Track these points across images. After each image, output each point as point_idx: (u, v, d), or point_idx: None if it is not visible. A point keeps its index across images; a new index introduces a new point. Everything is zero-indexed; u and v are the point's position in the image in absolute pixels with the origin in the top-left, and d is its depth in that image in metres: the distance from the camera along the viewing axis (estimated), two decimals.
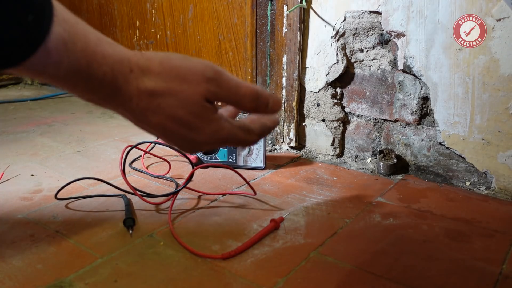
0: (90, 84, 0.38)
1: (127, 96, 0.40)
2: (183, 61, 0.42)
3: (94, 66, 0.37)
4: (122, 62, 0.39)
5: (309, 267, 0.58)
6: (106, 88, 0.39)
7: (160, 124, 0.43)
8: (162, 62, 0.41)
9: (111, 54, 0.39)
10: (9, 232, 0.65)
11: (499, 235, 0.66)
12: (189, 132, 0.44)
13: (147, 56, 0.41)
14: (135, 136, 1.15)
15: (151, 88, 0.41)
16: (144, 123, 0.43)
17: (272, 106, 0.46)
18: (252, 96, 0.44)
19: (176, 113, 0.42)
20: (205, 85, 0.42)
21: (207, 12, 1.19)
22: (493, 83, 0.77)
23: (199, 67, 0.42)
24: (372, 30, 0.89)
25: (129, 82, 0.40)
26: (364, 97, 0.94)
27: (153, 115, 0.42)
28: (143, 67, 0.41)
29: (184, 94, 0.41)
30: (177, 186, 0.82)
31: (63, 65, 0.36)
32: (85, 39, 0.37)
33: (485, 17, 0.75)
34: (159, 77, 0.41)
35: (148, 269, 0.57)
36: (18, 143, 1.08)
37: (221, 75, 0.42)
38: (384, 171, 0.90)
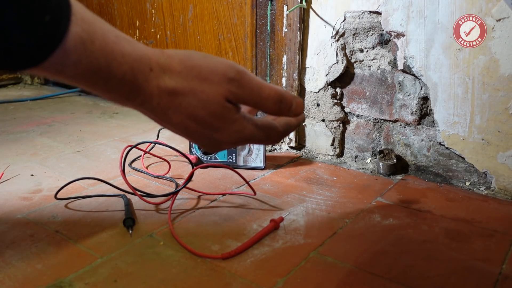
0: (109, 84, 0.38)
1: (148, 95, 0.40)
2: (205, 60, 0.41)
3: (113, 65, 0.37)
4: (142, 61, 0.39)
5: (309, 267, 0.58)
6: (126, 87, 0.39)
7: (182, 124, 0.42)
8: (183, 61, 0.41)
9: (130, 53, 0.38)
10: (9, 232, 0.65)
11: (499, 235, 0.66)
12: (211, 132, 0.43)
13: (167, 54, 0.41)
14: (135, 136, 1.15)
15: (172, 87, 0.40)
16: (165, 122, 0.43)
17: (295, 109, 0.45)
18: (275, 98, 0.43)
19: (197, 113, 0.41)
20: (226, 85, 0.41)
21: (207, 12, 1.19)
22: (493, 83, 0.77)
23: (221, 67, 0.41)
24: (372, 30, 0.89)
25: (149, 81, 0.39)
26: (364, 97, 0.94)
27: (174, 115, 0.41)
28: (164, 65, 0.40)
29: (205, 95, 0.40)
30: (177, 186, 0.82)
31: (81, 65, 0.35)
32: (104, 38, 0.36)
33: (485, 17, 0.75)
34: (180, 76, 0.40)
35: (148, 269, 0.57)
36: (18, 143, 1.08)
37: (243, 76, 0.42)
38: (384, 171, 0.90)
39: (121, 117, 1.36)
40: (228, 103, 0.41)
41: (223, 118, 0.42)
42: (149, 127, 1.24)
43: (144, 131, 1.20)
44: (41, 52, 0.33)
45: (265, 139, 0.46)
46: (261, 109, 0.45)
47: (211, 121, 0.42)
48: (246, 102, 0.43)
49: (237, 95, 0.41)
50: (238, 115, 0.43)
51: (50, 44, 0.33)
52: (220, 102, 0.41)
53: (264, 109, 0.44)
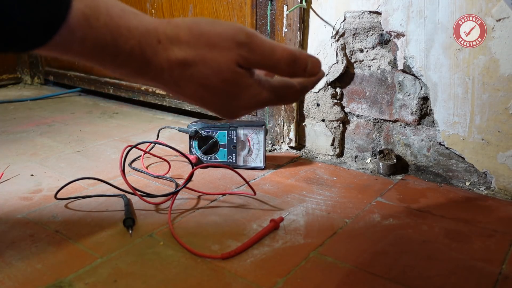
0: (118, 59, 0.37)
1: (158, 69, 0.39)
2: (213, 26, 0.40)
3: (120, 40, 0.36)
4: (149, 34, 0.38)
5: (309, 267, 0.58)
6: (135, 62, 0.38)
7: (196, 94, 0.41)
8: (191, 29, 0.40)
9: (136, 26, 0.37)
10: (9, 232, 0.65)
11: (499, 235, 0.66)
12: (227, 99, 0.42)
13: (174, 23, 0.40)
14: (135, 136, 1.15)
15: (181, 58, 0.39)
16: (179, 94, 0.42)
17: (311, 69, 0.43)
18: (289, 59, 0.41)
19: (210, 81, 0.40)
20: (236, 50, 0.40)
21: (207, 12, 1.19)
22: (493, 83, 0.77)
23: (230, 32, 0.40)
24: (372, 30, 0.89)
25: (158, 54, 0.38)
26: (364, 97, 0.94)
27: (187, 85, 0.40)
28: (171, 36, 0.39)
29: (215, 62, 0.39)
30: (177, 186, 0.82)
31: (88, 41, 0.35)
32: (108, 12, 0.35)
33: (485, 17, 0.75)
34: (189, 46, 0.39)
35: (148, 269, 0.57)
36: (18, 143, 1.08)
37: (253, 39, 0.40)
38: (384, 171, 0.90)
39: (121, 117, 1.36)
40: (240, 68, 0.40)
41: (237, 84, 0.41)
42: (149, 127, 1.24)
43: (144, 131, 1.20)
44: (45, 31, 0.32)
45: (283, 99, 0.45)
46: (275, 72, 0.43)
47: (225, 88, 0.41)
48: (258, 66, 0.42)
49: (248, 60, 0.40)
50: (252, 80, 0.42)
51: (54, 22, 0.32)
52: (232, 68, 0.40)
53: (278, 72, 0.43)
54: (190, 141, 0.93)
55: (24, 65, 1.88)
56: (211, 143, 0.92)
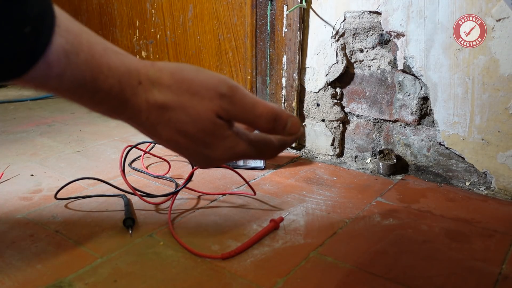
0: (96, 97, 0.37)
1: (136, 109, 0.39)
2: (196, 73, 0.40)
3: (99, 78, 0.36)
4: (130, 74, 0.38)
5: (309, 267, 0.58)
6: (114, 101, 0.37)
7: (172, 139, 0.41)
8: (173, 74, 0.39)
9: (117, 66, 0.37)
10: (9, 232, 0.65)
11: (499, 235, 0.66)
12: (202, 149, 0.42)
13: (157, 66, 0.39)
14: (135, 136, 1.15)
15: (161, 101, 0.39)
16: (155, 137, 0.42)
17: (290, 128, 0.44)
18: (269, 116, 0.42)
19: (187, 129, 0.40)
20: (218, 101, 0.39)
21: (207, 12, 1.19)
22: (493, 83, 0.77)
23: (213, 82, 0.40)
24: (372, 30, 0.89)
25: (137, 95, 0.38)
26: (364, 97, 0.94)
27: (163, 130, 0.40)
28: (153, 78, 0.39)
29: (195, 110, 0.39)
30: (176, 186, 0.82)
31: (66, 77, 0.34)
32: (90, 50, 0.35)
33: (485, 17, 0.75)
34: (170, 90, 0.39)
35: (148, 269, 0.57)
36: (18, 143, 1.08)
37: (235, 92, 0.40)
38: (384, 171, 0.90)
39: None
40: (219, 119, 0.40)
41: (214, 134, 0.40)
42: None
43: None
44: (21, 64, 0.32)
45: (260, 154, 0.45)
46: (254, 127, 0.43)
47: (202, 137, 0.40)
48: (237, 119, 0.41)
49: (228, 112, 0.40)
50: (230, 131, 0.41)
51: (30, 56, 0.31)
52: (211, 118, 0.40)
53: (258, 127, 0.43)
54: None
55: None
56: None
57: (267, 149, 0.45)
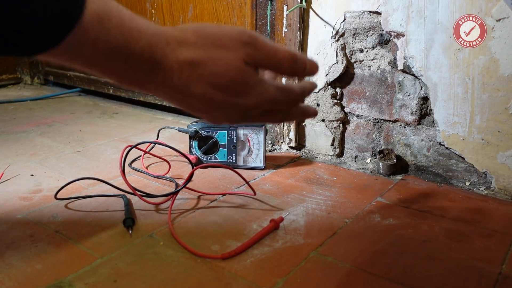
0: (128, 63, 0.37)
1: (168, 70, 0.39)
2: (217, 28, 0.42)
3: (131, 42, 0.36)
4: (158, 36, 0.38)
5: (309, 267, 0.58)
6: (145, 65, 0.38)
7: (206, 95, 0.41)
8: (196, 32, 0.41)
9: (146, 29, 0.38)
10: (9, 232, 0.65)
11: (499, 235, 0.66)
12: (236, 99, 0.42)
13: (180, 28, 0.41)
14: (135, 136, 1.15)
15: (190, 58, 0.40)
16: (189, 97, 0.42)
17: (310, 69, 0.46)
18: (290, 58, 0.44)
19: (219, 81, 0.41)
20: (243, 49, 0.41)
21: (207, 12, 1.19)
22: (492, 83, 0.77)
23: (234, 33, 0.41)
24: (372, 30, 0.89)
25: (167, 55, 0.39)
26: (363, 97, 0.94)
27: (196, 86, 0.41)
28: (179, 38, 0.40)
29: (224, 61, 0.41)
30: (176, 186, 0.82)
31: (100, 43, 0.35)
32: (119, 15, 0.36)
33: (485, 17, 0.75)
34: (196, 46, 0.40)
35: (148, 269, 0.57)
36: (18, 143, 1.08)
37: (257, 39, 0.42)
38: (384, 171, 0.90)
39: (121, 117, 1.36)
40: (247, 66, 0.42)
41: (245, 81, 0.42)
42: (149, 127, 1.24)
43: (144, 131, 1.20)
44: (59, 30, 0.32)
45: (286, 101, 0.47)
46: (278, 70, 0.45)
47: (234, 86, 0.42)
48: (263, 63, 0.43)
49: (254, 58, 0.42)
50: (259, 78, 0.43)
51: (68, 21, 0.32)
52: (240, 66, 0.41)
53: (281, 70, 0.45)
54: (190, 141, 0.93)
55: (24, 65, 1.88)
56: (211, 143, 0.92)
57: (291, 95, 0.47)
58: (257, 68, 0.43)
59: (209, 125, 0.92)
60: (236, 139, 0.92)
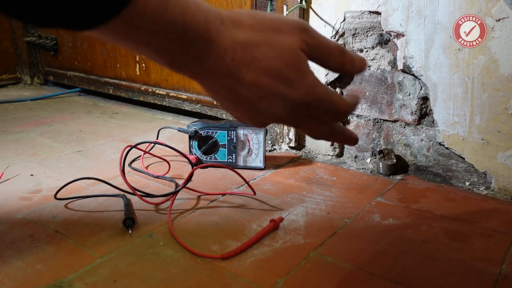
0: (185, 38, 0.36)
1: (221, 50, 0.38)
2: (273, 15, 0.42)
3: (188, 16, 0.36)
4: (214, 13, 0.38)
5: (309, 267, 0.58)
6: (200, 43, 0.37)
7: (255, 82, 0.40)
8: (253, 16, 0.40)
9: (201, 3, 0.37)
10: (9, 232, 0.65)
11: (499, 235, 0.66)
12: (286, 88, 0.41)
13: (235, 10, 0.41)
14: (134, 136, 1.15)
15: (245, 39, 0.39)
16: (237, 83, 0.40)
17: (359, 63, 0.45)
18: (340, 50, 0.43)
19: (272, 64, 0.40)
20: (300, 35, 0.41)
21: None
22: (492, 83, 0.77)
23: (290, 20, 0.42)
24: (371, 30, 0.89)
25: (222, 34, 0.38)
26: (363, 97, 0.94)
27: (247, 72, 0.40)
28: (234, 19, 0.39)
29: (280, 43, 0.40)
30: (176, 186, 0.82)
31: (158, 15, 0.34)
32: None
33: (485, 17, 0.75)
34: (252, 29, 0.40)
35: (148, 269, 0.57)
36: (18, 143, 1.08)
37: (311, 28, 0.42)
38: (384, 171, 0.90)
39: (121, 117, 1.36)
40: (302, 53, 0.41)
41: (298, 68, 0.41)
42: (149, 127, 1.24)
43: (144, 131, 1.20)
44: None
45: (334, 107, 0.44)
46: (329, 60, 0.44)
47: (286, 72, 0.40)
48: (317, 52, 0.42)
49: (310, 45, 0.42)
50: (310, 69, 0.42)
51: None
52: (295, 51, 0.41)
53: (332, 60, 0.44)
54: (190, 141, 0.93)
55: (24, 65, 1.88)
56: (211, 143, 0.92)
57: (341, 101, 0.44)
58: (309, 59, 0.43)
59: (209, 125, 0.92)
60: (236, 139, 0.92)
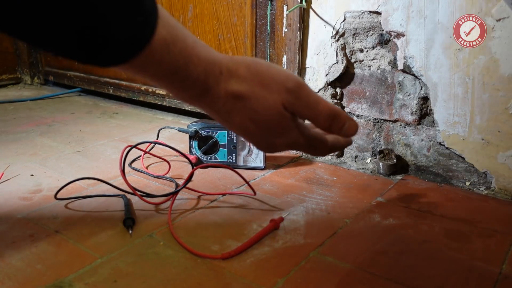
0: (184, 84, 0.42)
1: (215, 96, 0.44)
2: (268, 67, 0.45)
3: (190, 67, 0.41)
4: (214, 65, 0.42)
5: (309, 267, 0.58)
6: (198, 88, 0.42)
7: (242, 125, 0.45)
8: (249, 67, 0.44)
9: (205, 57, 0.42)
10: (9, 232, 0.65)
11: (499, 235, 0.66)
12: (268, 137, 0.46)
13: (235, 59, 0.45)
14: (134, 136, 1.15)
15: (237, 90, 0.44)
16: (227, 122, 0.46)
17: (347, 129, 0.48)
18: (329, 114, 0.46)
19: (257, 117, 0.45)
20: (284, 94, 0.44)
21: (206, 12, 1.19)
22: (493, 83, 0.77)
23: (282, 77, 0.45)
24: (372, 30, 0.89)
25: (218, 84, 0.43)
26: (364, 97, 0.94)
27: (236, 116, 0.45)
28: (232, 70, 0.44)
29: (265, 101, 0.44)
30: (176, 186, 0.82)
31: (163, 64, 0.39)
32: (184, 41, 0.40)
33: (485, 17, 0.75)
34: (245, 81, 0.44)
35: (148, 269, 0.57)
36: (18, 143, 1.08)
37: (301, 88, 0.45)
38: (384, 171, 0.90)
39: (121, 117, 1.36)
40: (285, 111, 0.45)
41: (280, 124, 0.45)
42: (149, 127, 1.24)
43: (144, 131, 1.20)
44: (131, 49, 0.36)
45: (313, 150, 0.50)
46: (314, 123, 0.48)
47: (269, 126, 0.45)
48: (300, 112, 0.46)
49: (293, 105, 0.45)
50: (294, 124, 0.46)
51: (139, 42, 0.36)
52: (278, 109, 0.44)
53: (317, 123, 0.47)
54: (190, 141, 0.93)
55: (24, 65, 1.88)
56: (211, 143, 0.92)
57: (320, 147, 0.50)
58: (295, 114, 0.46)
59: (209, 125, 0.92)
60: (236, 139, 0.92)
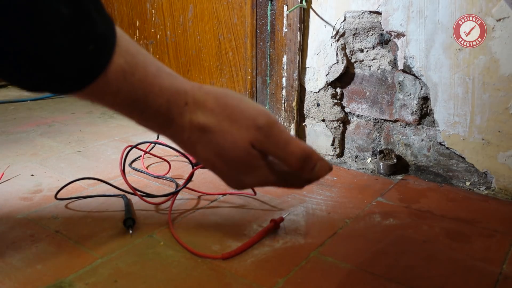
0: (145, 114, 0.39)
1: (180, 128, 0.41)
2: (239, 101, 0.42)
3: (150, 97, 0.38)
4: (179, 95, 0.40)
5: (309, 267, 0.58)
6: (160, 119, 0.40)
7: (209, 160, 0.43)
8: (218, 98, 0.42)
9: (168, 87, 0.39)
10: (9, 232, 0.65)
11: (499, 235, 0.66)
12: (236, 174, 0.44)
13: (204, 90, 0.42)
14: (135, 136, 1.15)
15: (203, 123, 0.41)
16: (194, 154, 0.44)
17: (318, 171, 0.46)
18: (300, 156, 0.44)
19: (223, 153, 0.42)
20: (253, 132, 0.42)
21: (207, 12, 1.19)
22: (493, 83, 0.77)
23: (253, 113, 0.42)
24: (372, 30, 0.89)
25: (183, 115, 0.41)
26: (364, 97, 0.94)
27: (202, 150, 0.42)
28: (199, 101, 0.41)
29: (232, 137, 0.41)
30: (177, 186, 0.82)
31: (121, 94, 0.37)
32: (144, 70, 0.37)
33: (485, 17, 0.75)
34: (212, 114, 0.41)
35: (148, 269, 0.57)
36: (18, 143, 1.08)
37: (272, 127, 0.42)
38: (384, 171, 0.90)
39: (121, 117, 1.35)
40: (253, 149, 0.42)
41: (247, 163, 0.43)
42: None
43: (144, 131, 1.20)
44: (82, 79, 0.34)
45: (290, 185, 0.49)
46: (284, 164, 0.45)
47: (236, 163, 0.43)
48: (270, 152, 0.43)
49: (262, 144, 0.42)
50: (263, 162, 0.44)
51: (90, 73, 0.34)
52: (246, 147, 0.42)
53: (287, 164, 0.45)
54: None
55: None
56: None
57: (295, 182, 0.48)
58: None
59: None
60: None
